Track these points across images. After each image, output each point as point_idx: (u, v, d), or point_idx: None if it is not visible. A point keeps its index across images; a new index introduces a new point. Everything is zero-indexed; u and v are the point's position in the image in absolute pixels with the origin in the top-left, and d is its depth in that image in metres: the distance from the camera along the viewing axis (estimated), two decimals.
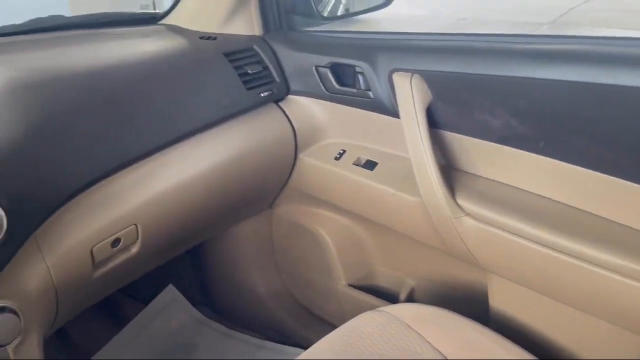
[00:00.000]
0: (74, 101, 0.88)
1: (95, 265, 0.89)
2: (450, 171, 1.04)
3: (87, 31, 1.19)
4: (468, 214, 0.98)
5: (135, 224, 0.93)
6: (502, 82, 0.91)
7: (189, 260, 1.58)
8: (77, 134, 0.86)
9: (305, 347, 0.90)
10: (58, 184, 0.82)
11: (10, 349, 0.74)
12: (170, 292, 1.55)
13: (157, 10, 1.45)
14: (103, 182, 0.89)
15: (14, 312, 0.72)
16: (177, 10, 1.29)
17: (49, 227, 0.81)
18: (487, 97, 0.95)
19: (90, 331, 1.46)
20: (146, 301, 1.54)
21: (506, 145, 0.96)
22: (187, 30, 1.23)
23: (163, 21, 1.29)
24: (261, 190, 1.29)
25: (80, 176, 0.85)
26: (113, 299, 1.56)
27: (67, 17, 1.23)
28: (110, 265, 0.93)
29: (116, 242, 0.91)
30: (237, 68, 1.13)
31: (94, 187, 0.88)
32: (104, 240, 0.89)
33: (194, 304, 1.56)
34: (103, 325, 1.49)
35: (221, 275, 1.54)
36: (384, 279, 1.34)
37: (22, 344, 0.76)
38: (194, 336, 1.49)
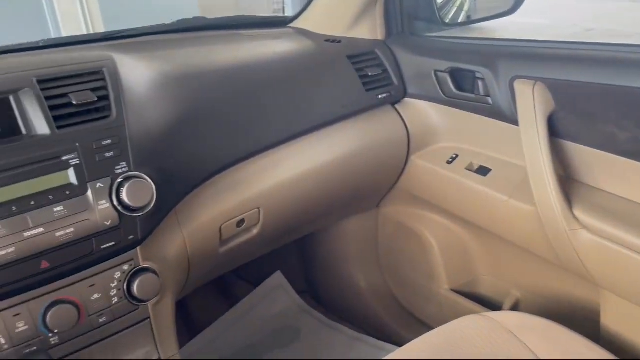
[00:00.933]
0: (215, 94, 0.99)
1: (222, 241, 0.99)
2: (568, 182, 1.02)
3: (225, 32, 1.31)
4: (585, 227, 0.95)
5: (258, 208, 1.02)
6: (630, 93, 0.88)
7: (296, 251, 1.67)
8: (216, 124, 0.97)
9: (400, 346, 0.92)
10: (198, 166, 0.93)
11: (150, 304, 0.85)
12: (278, 278, 1.65)
13: (287, 15, 1.54)
14: (234, 167, 0.99)
15: (155, 273, 0.83)
16: (305, 15, 1.37)
17: (187, 203, 0.92)
18: (613, 109, 0.92)
19: (205, 307, 1.60)
20: (255, 284, 1.65)
21: (631, 159, 0.92)
22: (314, 33, 1.31)
23: (292, 24, 1.38)
24: (371, 188, 1.34)
25: (216, 161, 0.96)
26: (227, 279, 1.70)
27: (208, 19, 1.36)
28: (234, 243, 1.03)
29: (241, 222, 1.01)
30: (358, 70, 1.19)
31: (226, 172, 0.98)
32: (231, 219, 0.99)
33: (298, 292, 1.65)
34: (216, 303, 1.63)
35: (325, 267, 1.61)
36: (488, 287, 1.33)
37: (159, 302, 0.87)
38: (297, 322, 1.57)
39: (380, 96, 1.21)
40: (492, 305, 1.30)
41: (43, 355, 0.68)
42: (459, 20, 1.55)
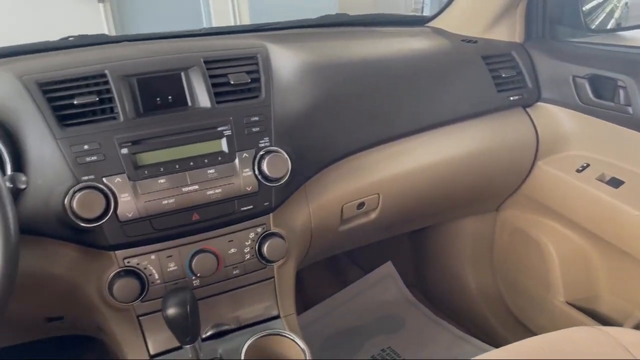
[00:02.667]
0: (351, 85, 1.07)
1: (343, 220, 1.07)
2: None
3: (364, 28, 1.38)
4: None
5: (378, 194, 1.09)
6: None
7: (409, 243, 1.71)
8: (349, 112, 1.05)
9: None
10: (328, 148, 1.02)
11: (275, 266, 0.96)
12: (388, 268, 1.70)
13: (425, 14, 1.58)
14: (360, 153, 1.06)
15: (283, 238, 0.93)
16: (444, 15, 1.40)
17: (315, 181, 1.01)
18: None
19: (318, 285, 1.70)
20: (366, 271, 1.72)
21: None
22: (450, 33, 1.34)
23: (429, 24, 1.42)
24: (492, 190, 1.34)
25: (345, 145, 1.04)
26: (341, 262, 1.79)
27: (350, 16, 1.45)
28: (353, 224, 1.11)
29: (361, 205, 1.08)
30: (492, 71, 1.20)
31: (352, 156, 1.06)
32: (352, 201, 1.06)
33: (406, 284, 1.69)
34: (328, 282, 1.73)
35: (436, 263, 1.63)
36: (608, 305, 1.27)
37: (283, 265, 0.97)
38: (402, 313, 1.61)
39: (511, 98, 1.21)
40: (610, 324, 1.24)
41: (189, 291, 0.80)
42: (607, 27, 1.48)
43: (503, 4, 1.26)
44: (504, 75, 1.21)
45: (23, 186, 0.70)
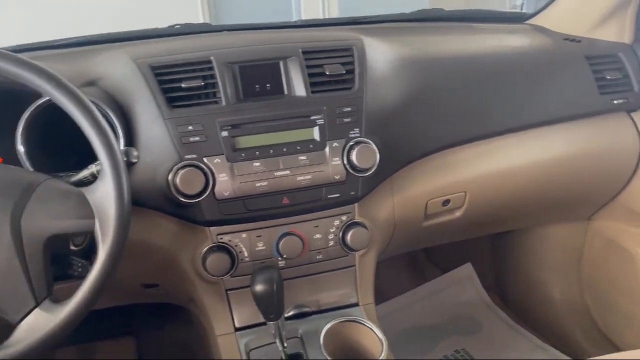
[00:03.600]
0: (445, 80, 1.06)
1: (427, 215, 1.07)
2: None
3: (460, 24, 1.36)
4: None
5: (465, 192, 1.08)
6: None
7: (490, 246, 1.67)
8: (440, 107, 1.04)
9: None
10: (417, 143, 1.02)
11: (357, 254, 0.97)
12: (467, 269, 1.67)
13: (525, 11, 1.53)
14: (449, 150, 1.05)
15: (366, 228, 0.94)
16: (546, 12, 1.35)
17: (402, 174, 1.01)
18: None
19: (395, 279, 1.70)
20: (444, 270, 1.70)
21: None
22: (551, 31, 1.29)
23: (530, 21, 1.38)
24: (585, 197, 1.28)
25: (434, 141, 1.03)
26: (419, 259, 1.78)
27: (446, 11, 1.43)
28: (437, 220, 1.10)
29: (446, 202, 1.07)
30: (595, 72, 1.15)
31: (441, 152, 1.05)
32: (437, 197, 1.06)
33: (485, 288, 1.66)
34: (404, 278, 1.72)
35: (518, 269, 1.58)
36: None
37: (365, 255, 0.99)
38: (479, 316, 1.58)
39: (615, 101, 1.15)
40: None
41: (276, 270, 0.84)
42: None
43: (614, 3, 1.19)
44: (608, 77, 1.15)
45: (135, 160, 0.76)
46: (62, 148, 0.88)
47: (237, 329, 0.93)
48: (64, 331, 0.64)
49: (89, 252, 0.80)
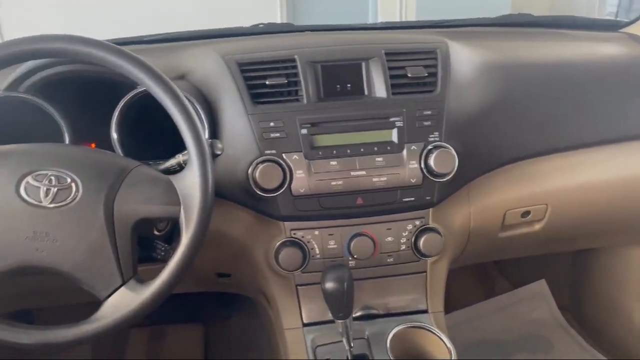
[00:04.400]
0: (533, 88, 1.02)
1: (504, 226, 1.04)
2: None
3: (549, 30, 1.31)
4: None
5: (546, 204, 1.03)
6: None
7: (567, 263, 1.59)
8: (526, 116, 1.01)
9: None
10: (498, 150, 0.99)
11: (429, 261, 0.96)
12: (541, 287, 1.60)
13: (620, 19, 1.45)
14: (532, 160, 1.02)
15: (440, 235, 0.93)
16: None
17: (480, 182, 0.99)
18: None
19: (462, 289, 1.66)
20: (515, 285, 1.64)
21: None
22: None
23: (625, 29, 1.30)
24: None
25: (517, 150, 1.00)
26: (489, 272, 1.72)
27: (535, 16, 1.37)
28: (514, 232, 1.06)
29: (526, 214, 1.03)
30: None
31: (523, 162, 1.01)
32: (517, 208, 1.02)
33: (558, 306, 1.58)
34: (473, 290, 1.68)
35: (597, 290, 1.49)
36: None
37: (437, 262, 0.97)
38: (551, 335, 1.51)
39: None
40: None
41: (347, 269, 0.84)
42: None
43: None
44: None
45: (219, 152, 0.78)
46: (150, 138, 0.93)
47: (304, 325, 0.94)
48: (146, 310, 0.67)
49: (170, 238, 0.83)
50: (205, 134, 0.87)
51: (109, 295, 0.67)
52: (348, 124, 0.90)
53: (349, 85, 0.93)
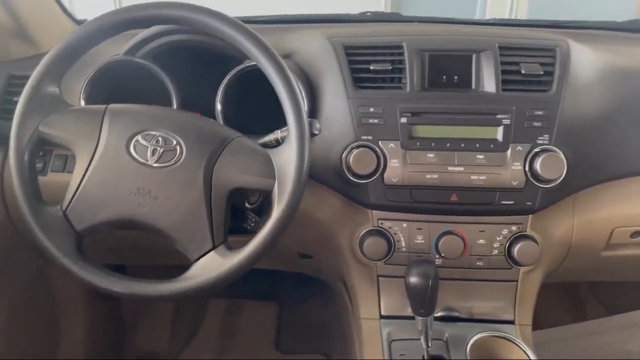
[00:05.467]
0: None
1: (609, 245, 0.96)
2: None
3: None
4: None
5: None
6: None
7: None
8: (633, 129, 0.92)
9: None
10: (613, 161, 0.91)
11: (522, 270, 0.90)
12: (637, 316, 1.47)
13: None
14: None
15: (537, 244, 0.87)
16: None
17: (588, 193, 0.92)
18: None
19: (549, 307, 1.56)
20: (609, 310, 1.51)
21: None
22: None
23: None
24: None
25: (633, 163, 0.91)
26: (580, 291, 1.61)
27: None
28: (620, 252, 0.98)
29: (636, 234, 0.94)
30: None
31: (636, 177, 0.92)
32: (626, 227, 0.94)
33: None
34: (562, 309, 1.57)
35: None
36: None
37: (530, 272, 0.91)
38: None
39: None
40: None
41: (433, 266, 0.81)
42: None
43: None
44: None
45: (316, 132, 0.78)
46: (248, 114, 0.95)
47: (382, 317, 0.92)
48: (232, 277, 0.69)
49: (260, 212, 0.85)
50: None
51: (199, 258, 0.69)
52: (450, 117, 0.86)
53: (456, 77, 0.89)
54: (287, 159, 0.70)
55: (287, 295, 1.71)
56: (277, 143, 0.78)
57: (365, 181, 0.85)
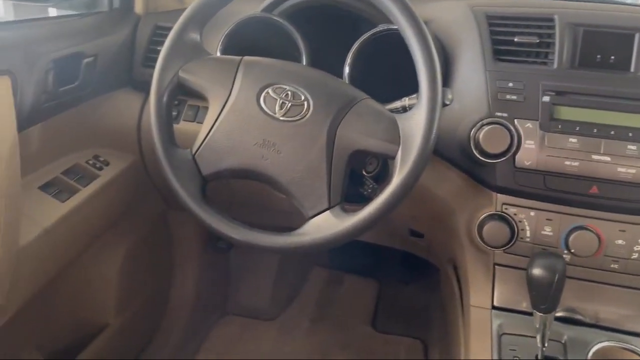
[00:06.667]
0: None
1: None
2: None
3: None
4: None
5: None
6: None
7: None
8: None
9: None
10: None
11: None
12: None
13: None
14: None
15: None
16: None
17: None
18: None
19: None
20: None
21: None
22: None
23: None
24: None
25: None
26: None
27: None
28: None
29: None
30: None
31: None
32: None
33: None
34: None
35: None
36: None
37: None
38: None
39: None
40: None
41: (562, 260, 0.74)
42: None
43: None
44: None
45: (448, 102, 0.73)
46: (374, 80, 0.92)
47: (494, 307, 0.86)
48: (344, 238, 0.67)
49: (377, 180, 0.82)
50: None
51: (314, 216, 0.69)
52: (601, 100, 0.77)
53: (612, 57, 0.80)
54: (414, 125, 0.66)
55: (389, 274, 1.69)
56: (404, 110, 0.75)
57: (494, 161, 0.79)
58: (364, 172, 0.81)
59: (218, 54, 0.92)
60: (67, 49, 0.91)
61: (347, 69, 0.87)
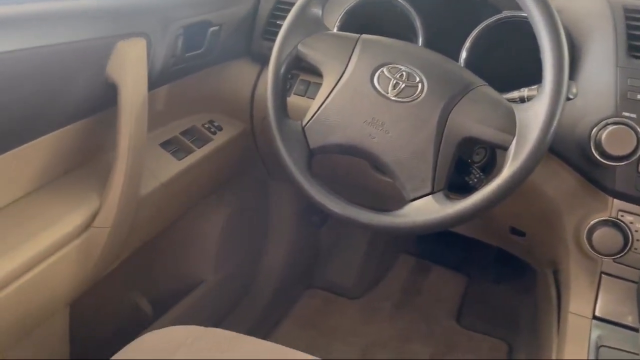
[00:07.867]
0: None
1: None
2: None
3: None
4: None
5: None
6: None
7: None
8: None
9: None
10: None
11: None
12: None
13: None
14: None
15: None
16: None
17: None
18: None
19: None
20: None
21: None
22: None
23: None
24: None
25: None
26: None
27: None
28: None
29: None
30: None
31: None
32: None
33: None
34: None
35: None
36: None
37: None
38: None
39: None
40: None
41: None
42: None
43: None
44: None
45: (571, 96, 0.69)
46: (492, 67, 0.89)
47: (595, 317, 0.81)
48: (445, 225, 0.66)
49: (484, 170, 0.80)
50: None
51: (415, 199, 0.69)
52: None
53: None
54: (533, 116, 0.63)
55: (480, 271, 1.64)
56: (522, 101, 0.72)
57: (615, 164, 0.74)
58: (470, 161, 0.79)
59: (335, 30, 0.94)
60: (197, 17, 0.97)
61: (464, 54, 0.85)
